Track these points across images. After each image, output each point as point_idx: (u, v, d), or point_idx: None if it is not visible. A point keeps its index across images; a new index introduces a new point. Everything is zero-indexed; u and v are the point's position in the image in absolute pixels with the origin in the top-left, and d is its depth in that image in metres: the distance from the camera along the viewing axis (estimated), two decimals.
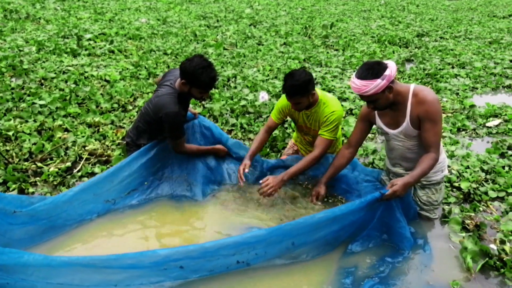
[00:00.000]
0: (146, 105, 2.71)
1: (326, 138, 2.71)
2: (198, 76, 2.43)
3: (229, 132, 3.87)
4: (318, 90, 2.81)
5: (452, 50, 7.19)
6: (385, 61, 2.24)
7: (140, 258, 1.89)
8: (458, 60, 6.46)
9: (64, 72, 5.07)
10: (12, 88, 4.40)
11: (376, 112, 2.52)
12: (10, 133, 3.40)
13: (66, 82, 4.73)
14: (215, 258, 2.05)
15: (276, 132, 3.69)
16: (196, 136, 3.04)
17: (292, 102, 2.64)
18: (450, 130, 4.03)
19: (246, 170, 2.78)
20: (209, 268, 2.09)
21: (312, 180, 2.99)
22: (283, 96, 2.86)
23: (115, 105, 4.25)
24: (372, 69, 2.18)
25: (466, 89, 5.19)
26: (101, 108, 4.15)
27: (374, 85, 2.16)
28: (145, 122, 2.71)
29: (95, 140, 3.54)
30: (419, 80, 5.48)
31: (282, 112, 2.89)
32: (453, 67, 6.18)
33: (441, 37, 8.40)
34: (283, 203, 2.80)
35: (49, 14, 8.53)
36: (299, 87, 2.54)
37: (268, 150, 3.55)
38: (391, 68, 2.20)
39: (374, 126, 2.68)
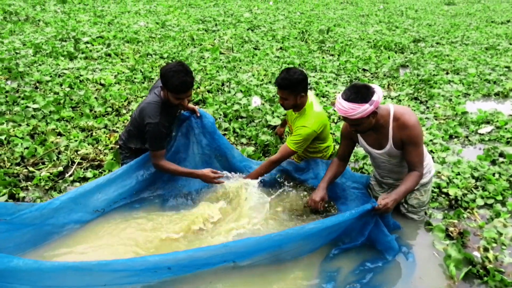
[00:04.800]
0: (136, 110, 2.73)
1: (288, 147, 2.77)
2: (169, 78, 2.40)
3: None
4: (312, 97, 2.86)
5: (447, 55, 7.21)
6: (372, 85, 2.26)
7: (130, 264, 1.93)
8: (453, 66, 6.49)
9: (59, 76, 5.10)
10: (7, 91, 4.43)
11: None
12: (3, 137, 3.43)
13: (61, 85, 4.77)
14: (202, 261, 2.10)
15: (269, 138, 3.73)
16: (190, 138, 2.96)
17: (280, 95, 2.74)
18: (442, 137, 4.06)
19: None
20: (196, 267, 2.14)
21: (302, 185, 3.03)
22: None
23: (109, 109, 4.28)
24: (361, 93, 2.19)
25: (459, 95, 5.22)
26: (95, 112, 4.18)
27: (361, 109, 2.18)
28: (135, 127, 2.73)
29: (88, 144, 3.57)
30: (413, 86, 5.51)
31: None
32: (447, 73, 6.21)
33: (437, 43, 8.43)
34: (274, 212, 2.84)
35: (48, 17, 8.57)
36: (289, 83, 2.64)
37: (260, 154, 3.58)
38: (378, 93, 2.23)
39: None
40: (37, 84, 4.79)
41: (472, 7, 14.97)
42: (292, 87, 2.65)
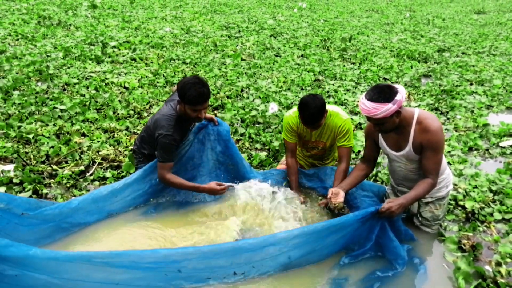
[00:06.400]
0: (152, 118, 2.78)
1: (347, 147, 2.86)
2: (186, 90, 2.47)
3: (237, 141, 3.98)
4: None
5: (473, 66, 7.06)
6: (396, 85, 2.28)
7: (141, 255, 2.00)
8: (478, 77, 6.35)
9: (86, 78, 5.32)
10: (37, 92, 4.66)
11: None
12: (30, 136, 3.62)
13: (87, 88, 4.97)
14: (212, 263, 2.15)
15: (276, 144, 3.77)
16: (206, 143, 3.01)
17: (313, 127, 2.76)
18: (461, 149, 3.99)
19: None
20: (206, 276, 2.19)
21: (310, 192, 3.06)
22: (287, 117, 2.96)
23: (131, 112, 4.43)
24: (384, 93, 2.21)
25: (481, 107, 5.11)
26: (118, 114, 4.34)
27: (384, 109, 2.20)
28: (148, 135, 2.80)
29: (109, 145, 3.71)
30: (434, 96, 5.43)
31: (292, 131, 2.98)
32: (471, 84, 6.09)
33: (463, 53, 8.26)
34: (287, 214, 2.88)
35: (79, 21, 8.90)
36: (318, 114, 2.64)
37: (271, 160, 3.63)
38: (401, 93, 2.24)
39: None
40: (65, 86, 5.01)
41: (504, 16, 14.55)
42: (321, 114, 2.67)
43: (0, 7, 9.38)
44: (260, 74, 6.10)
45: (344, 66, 6.84)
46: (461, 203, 3.09)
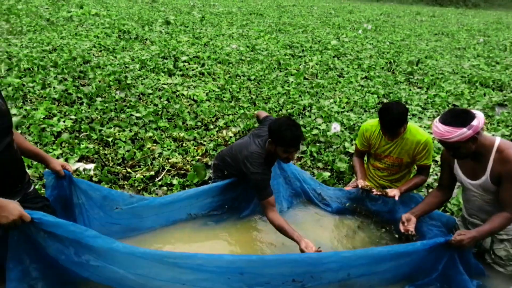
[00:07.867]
0: (238, 148, 2.80)
1: (428, 164, 2.91)
2: (282, 133, 2.47)
3: (299, 159, 4.03)
4: None
5: None
6: (474, 111, 2.19)
7: (208, 259, 2.10)
8: None
9: (159, 89, 5.70)
10: (116, 100, 5.09)
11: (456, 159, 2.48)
12: (110, 139, 3.96)
13: (160, 98, 5.33)
14: (272, 271, 2.20)
15: (344, 165, 3.76)
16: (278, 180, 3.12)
17: (391, 134, 2.76)
18: None
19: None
20: (266, 280, 2.25)
21: (375, 216, 3.02)
22: (364, 125, 3.00)
23: (199, 123, 4.67)
24: (459, 117, 2.14)
25: None
26: (187, 124, 4.60)
27: (458, 133, 2.12)
28: (235, 163, 2.83)
29: (178, 154, 3.93)
30: (510, 127, 5.11)
31: (365, 139, 3.01)
32: None
33: None
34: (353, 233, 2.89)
35: (154, 36, 9.58)
36: (399, 120, 2.65)
37: (335, 181, 3.62)
38: (479, 119, 2.14)
39: None
40: (141, 96, 5.41)
41: None
42: (402, 121, 2.67)
43: (88, 21, 10.37)
44: (323, 93, 6.14)
45: (410, 90, 6.67)
46: None
